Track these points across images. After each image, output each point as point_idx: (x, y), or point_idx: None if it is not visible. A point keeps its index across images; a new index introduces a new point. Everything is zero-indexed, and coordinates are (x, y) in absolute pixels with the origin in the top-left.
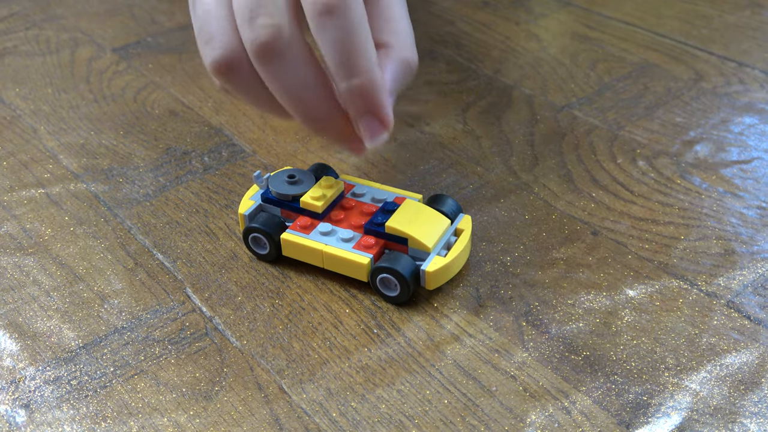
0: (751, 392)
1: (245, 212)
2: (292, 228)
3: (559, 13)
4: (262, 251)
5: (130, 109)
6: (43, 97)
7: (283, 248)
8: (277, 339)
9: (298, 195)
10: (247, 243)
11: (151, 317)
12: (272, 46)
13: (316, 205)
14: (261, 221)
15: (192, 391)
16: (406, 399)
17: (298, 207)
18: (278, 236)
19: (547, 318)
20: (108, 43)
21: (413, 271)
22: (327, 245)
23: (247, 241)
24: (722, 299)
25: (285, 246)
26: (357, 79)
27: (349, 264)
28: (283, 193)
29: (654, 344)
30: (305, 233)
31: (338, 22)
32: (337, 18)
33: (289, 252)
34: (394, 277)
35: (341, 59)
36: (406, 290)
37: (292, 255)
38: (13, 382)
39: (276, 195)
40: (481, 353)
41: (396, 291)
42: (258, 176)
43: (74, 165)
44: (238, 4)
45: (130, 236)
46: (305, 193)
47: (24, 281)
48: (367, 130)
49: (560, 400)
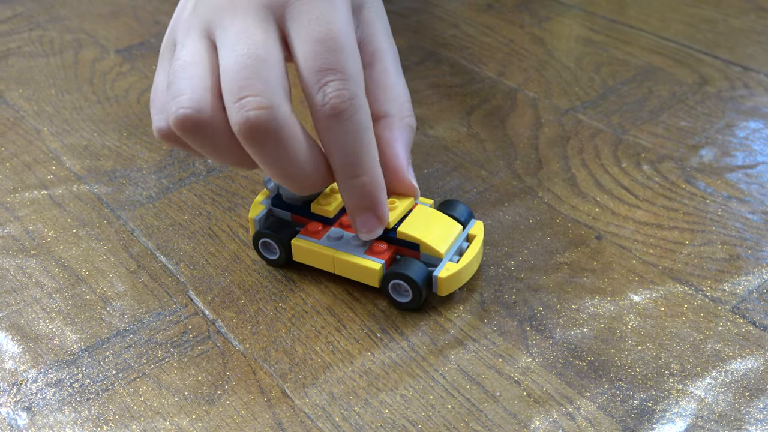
0: (756, 399)
1: (255, 217)
2: (303, 233)
3: (563, 16)
4: (272, 256)
5: (133, 110)
6: (47, 98)
7: (294, 253)
8: (280, 343)
9: (309, 200)
10: (257, 248)
11: (153, 320)
12: (264, 128)
13: (327, 210)
14: (271, 226)
15: (194, 395)
16: (410, 404)
17: (308, 212)
18: (289, 241)
19: (551, 323)
20: (111, 44)
21: (425, 277)
22: (338, 251)
23: (257, 246)
24: (727, 305)
25: (296, 251)
26: (360, 179)
27: (360, 269)
28: (294, 198)
29: (659, 350)
30: (316, 238)
31: (346, 125)
32: (346, 121)
33: (300, 257)
34: (406, 283)
35: (347, 159)
36: (419, 296)
37: (302, 260)
38: (15, 384)
39: (286, 200)
40: (485, 358)
41: (408, 297)
42: (268, 180)
43: (77, 166)
44: (227, 76)
45: (133, 238)
46: (316, 198)
47: (26, 283)
48: (364, 225)
49: (564, 406)
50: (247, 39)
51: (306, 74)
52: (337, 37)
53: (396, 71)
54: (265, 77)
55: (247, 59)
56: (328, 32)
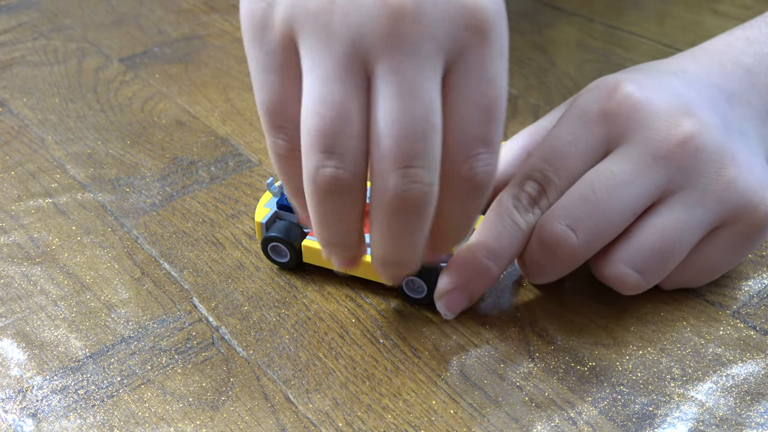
0: (757, 403)
1: (262, 220)
2: (312, 234)
3: (564, 23)
4: (282, 259)
5: (137, 118)
6: (51, 107)
7: (305, 255)
8: (284, 349)
9: None
10: (266, 252)
11: (157, 327)
12: (417, 203)
13: None
14: (280, 229)
15: (198, 401)
16: (412, 409)
17: None
18: (299, 244)
19: (552, 328)
20: (115, 53)
21: (439, 272)
22: None
23: (266, 250)
24: (728, 309)
25: (306, 253)
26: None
27: (373, 268)
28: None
29: (660, 354)
30: None
31: (480, 201)
32: (481, 197)
33: (311, 259)
34: (420, 278)
35: (461, 232)
36: (433, 292)
37: (313, 262)
38: (21, 391)
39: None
40: (487, 363)
41: (422, 293)
42: (271, 183)
43: (81, 175)
44: (392, 133)
45: (137, 246)
46: None
47: (31, 291)
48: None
49: (566, 411)
50: (421, 96)
51: (458, 139)
52: (501, 105)
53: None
54: (433, 149)
55: (420, 123)
56: (495, 99)
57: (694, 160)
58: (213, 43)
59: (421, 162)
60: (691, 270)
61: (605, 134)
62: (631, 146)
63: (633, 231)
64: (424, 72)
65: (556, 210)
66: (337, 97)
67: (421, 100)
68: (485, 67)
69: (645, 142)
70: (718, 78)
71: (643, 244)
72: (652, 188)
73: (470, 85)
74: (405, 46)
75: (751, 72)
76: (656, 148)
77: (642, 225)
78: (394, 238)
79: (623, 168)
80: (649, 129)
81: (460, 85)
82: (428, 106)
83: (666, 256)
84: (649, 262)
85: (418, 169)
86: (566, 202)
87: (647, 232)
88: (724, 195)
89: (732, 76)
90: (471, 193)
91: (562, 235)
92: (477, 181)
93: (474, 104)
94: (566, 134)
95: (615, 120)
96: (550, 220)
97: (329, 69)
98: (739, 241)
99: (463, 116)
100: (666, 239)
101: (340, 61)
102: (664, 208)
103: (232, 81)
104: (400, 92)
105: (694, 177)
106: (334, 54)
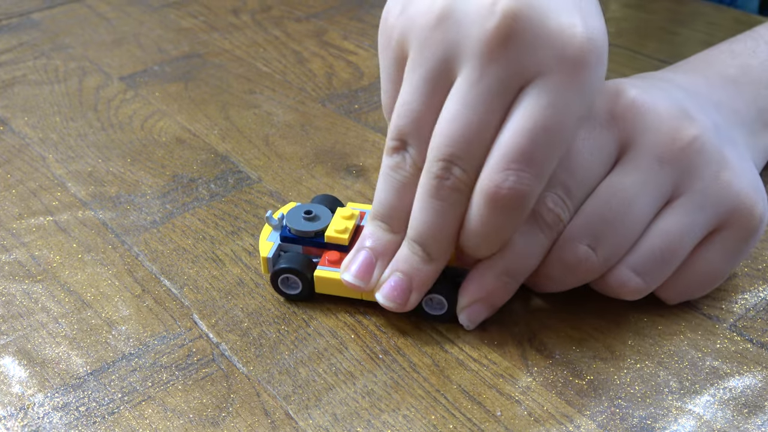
0: (754, 416)
1: (268, 255)
2: (322, 264)
3: None
4: (293, 291)
5: (137, 136)
6: (52, 125)
7: (317, 285)
8: (284, 365)
9: (321, 230)
10: (276, 285)
11: (158, 343)
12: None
13: (342, 237)
14: (291, 260)
15: (199, 417)
16: (412, 424)
17: (322, 242)
18: (311, 274)
19: (551, 342)
20: (115, 71)
21: (457, 288)
22: None
23: (276, 283)
24: (725, 322)
25: (319, 283)
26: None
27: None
28: (305, 230)
29: (657, 368)
30: (337, 267)
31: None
32: (516, 213)
33: (323, 288)
34: (441, 295)
35: (485, 246)
36: (455, 308)
37: (326, 291)
38: (22, 408)
39: (296, 233)
40: (486, 378)
41: (443, 310)
42: (270, 217)
43: (82, 192)
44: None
45: (138, 263)
46: (327, 227)
47: (32, 308)
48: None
49: (564, 425)
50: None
51: (503, 152)
52: (554, 132)
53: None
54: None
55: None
56: (551, 124)
57: (696, 162)
58: (213, 62)
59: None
60: (690, 277)
61: (616, 139)
62: (639, 152)
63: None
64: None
65: (575, 229)
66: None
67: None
68: (558, 94)
69: (652, 146)
70: (703, 88)
71: (646, 248)
72: (660, 196)
73: (536, 103)
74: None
75: (736, 82)
76: (662, 152)
77: (646, 230)
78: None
79: (634, 180)
80: (656, 132)
81: (529, 98)
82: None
83: (668, 259)
84: (651, 266)
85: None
86: (584, 221)
87: (651, 236)
88: (722, 196)
89: (716, 87)
90: (492, 204)
91: (584, 256)
92: (501, 194)
93: (528, 121)
94: (580, 139)
95: (623, 124)
96: (570, 241)
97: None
98: (734, 244)
99: (514, 130)
100: (669, 243)
101: (515, 83)
102: (668, 212)
103: (231, 99)
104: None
105: (696, 179)
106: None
